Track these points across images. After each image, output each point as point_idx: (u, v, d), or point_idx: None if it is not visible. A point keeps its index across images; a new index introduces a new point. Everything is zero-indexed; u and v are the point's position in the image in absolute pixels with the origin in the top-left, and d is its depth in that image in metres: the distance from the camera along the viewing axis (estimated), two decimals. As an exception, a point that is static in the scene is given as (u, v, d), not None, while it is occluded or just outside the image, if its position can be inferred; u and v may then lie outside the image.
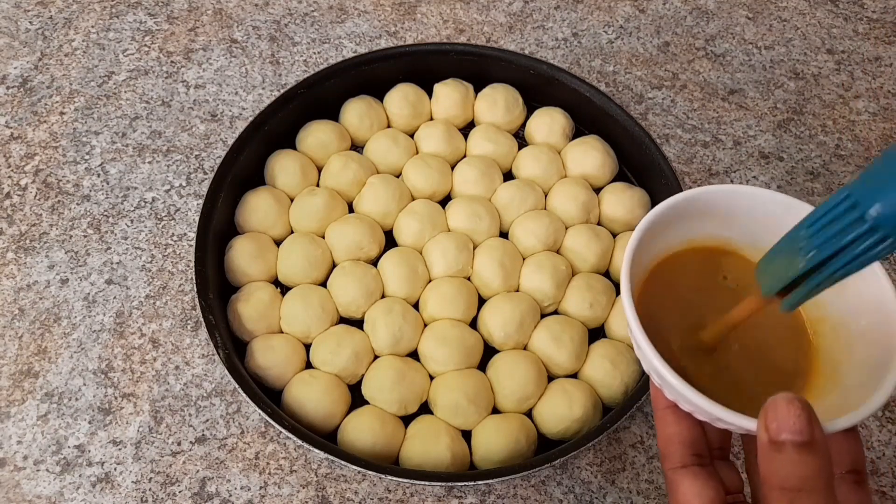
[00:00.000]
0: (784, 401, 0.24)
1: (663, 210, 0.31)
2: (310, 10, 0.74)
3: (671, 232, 0.32)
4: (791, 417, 0.24)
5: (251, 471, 0.49)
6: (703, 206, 0.32)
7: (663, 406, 0.30)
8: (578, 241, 0.55)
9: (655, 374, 0.28)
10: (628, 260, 0.30)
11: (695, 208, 0.32)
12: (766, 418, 0.24)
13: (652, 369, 0.29)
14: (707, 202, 0.32)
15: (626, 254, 0.30)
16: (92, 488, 0.48)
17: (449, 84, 0.63)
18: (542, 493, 0.49)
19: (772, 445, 0.24)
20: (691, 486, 0.29)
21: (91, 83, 0.67)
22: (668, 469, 0.30)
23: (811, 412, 0.24)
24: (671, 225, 0.32)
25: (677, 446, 0.30)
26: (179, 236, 0.59)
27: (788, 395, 0.24)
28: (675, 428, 0.30)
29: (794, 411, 0.24)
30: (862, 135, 0.67)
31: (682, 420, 0.30)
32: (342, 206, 0.58)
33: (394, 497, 0.48)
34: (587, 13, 0.75)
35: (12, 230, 0.59)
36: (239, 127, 0.65)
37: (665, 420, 0.30)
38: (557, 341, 0.51)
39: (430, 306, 0.53)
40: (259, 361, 0.50)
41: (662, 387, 0.29)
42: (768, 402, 0.25)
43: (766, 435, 0.24)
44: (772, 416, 0.24)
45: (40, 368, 0.53)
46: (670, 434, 0.30)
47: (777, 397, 0.24)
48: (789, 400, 0.24)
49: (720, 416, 0.26)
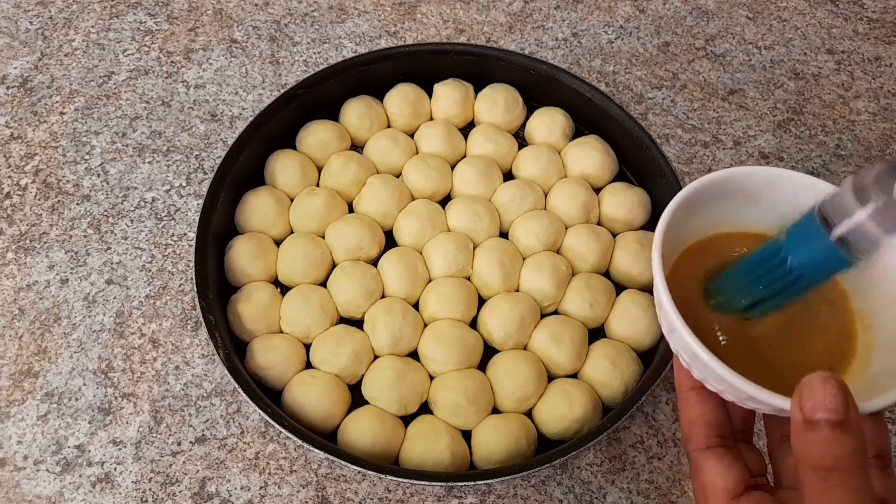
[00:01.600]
0: (820, 380, 0.24)
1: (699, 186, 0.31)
2: (310, 10, 0.74)
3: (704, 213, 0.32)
4: (827, 396, 0.24)
5: (251, 471, 0.49)
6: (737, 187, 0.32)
7: (687, 388, 0.30)
8: (578, 241, 0.55)
9: (686, 351, 0.28)
10: (659, 238, 0.30)
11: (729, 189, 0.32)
12: (800, 397, 0.24)
13: (682, 347, 0.28)
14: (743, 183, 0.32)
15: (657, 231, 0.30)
16: (92, 488, 0.48)
17: (449, 84, 0.63)
18: (542, 493, 0.49)
19: (806, 425, 0.24)
20: (716, 467, 0.28)
21: (91, 83, 0.67)
22: (693, 450, 0.30)
23: (847, 392, 0.24)
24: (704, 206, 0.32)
25: (701, 428, 0.30)
26: (179, 236, 0.59)
27: (824, 374, 0.24)
28: (700, 409, 0.30)
29: (830, 390, 0.24)
30: (862, 135, 0.67)
31: (707, 401, 0.30)
32: (342, 206, 0.58)
33: (394, 497, 0.48)
34: (587, 13, 0.75)
35: (12, 230, 0.59)
36: (239, 127, 0.65)
37: (689, 402, 0.30)
38: (557, 341, 0.51)
39: (430, 306, 0.53)
40: (259, 361, 0.50)
41: (692, 365, 0.29)
42: (803, 380, 0.24)
43: (800, 414, 0.24)
44: (807, 395, 0.24)
45: (40, 368, 0.53)
46: (694, 416, 0.30)
47: (812, 376, 0.24)
48: (825, 379, 0.24)
49: (753, 395, 0.26)
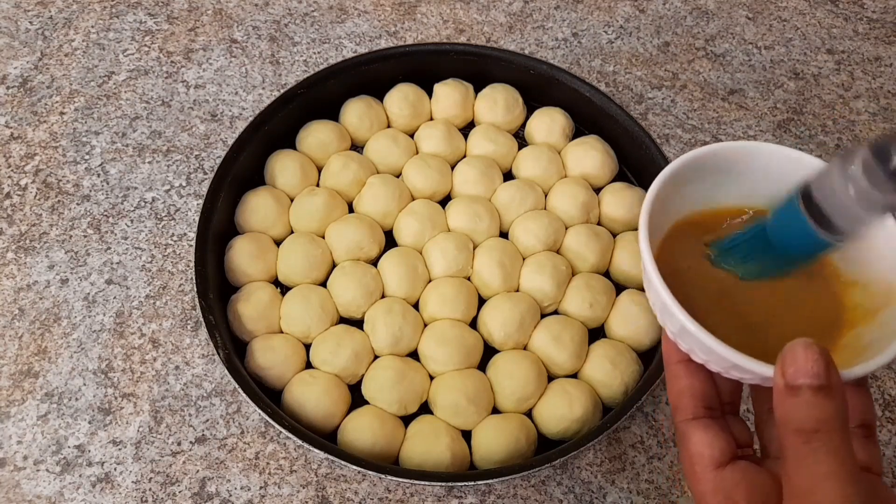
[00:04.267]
0: (802, 346, 0.24)
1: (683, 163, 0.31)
2: (310, 10, 0.74)
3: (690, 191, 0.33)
4: (809, 362, 0.24)
5: (251, 471, 0.49)
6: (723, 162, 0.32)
7: (675, 361, 0.31)
8: (578, 241, 0.55)
9: (672, 321, 0.28)
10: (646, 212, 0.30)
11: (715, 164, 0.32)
12: (783, 363, 0.25)
13: (668, 318, 0.29)
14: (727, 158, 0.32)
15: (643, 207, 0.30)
16: (92, 488, 0.48)
17: (449, 84, 0.63)
18: (542, 493, 0.49)
19: (788, 390, 0.24)
20: (703, 437, 0.29)
21: (91, 83, 0.67)
22: (680, 421, 0.30)
23: (829, 357, 0.24)
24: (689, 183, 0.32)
25: (689, 399, 0.30)
26: (179, 236, 0.59)
27: (807, 340, 0.25)
28: (687, 381, 0.30)
29: (812, 356, 0.24)
30: (862, 135, 0.67)
31: (694, 373, 0.30)
32: (342, 206, 0.58)
33: (394, 497, 0.48)
34: (587, 13, 0.75)
35: (12, 230, 0.59)
36: (239, 127, 0.65)
37: (677, 374, 0.31)
38: (557, 341, 0.51)
39: (430, 306, 0.53)
40: (259, 361, 0.50)
41: (677, 336, 0.29)
42: (786, 347, 0.25)
43: (782, 380, 0.25)
44: (789, 361, 0.25)
45: (40, 368, 0.53)
46: (682, 387, 0.30)
47: (795, 342, 0.25)
48: (807, 345, 0.24)
49: (737, 363, 0.26)
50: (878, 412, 0.53)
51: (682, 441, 0.30)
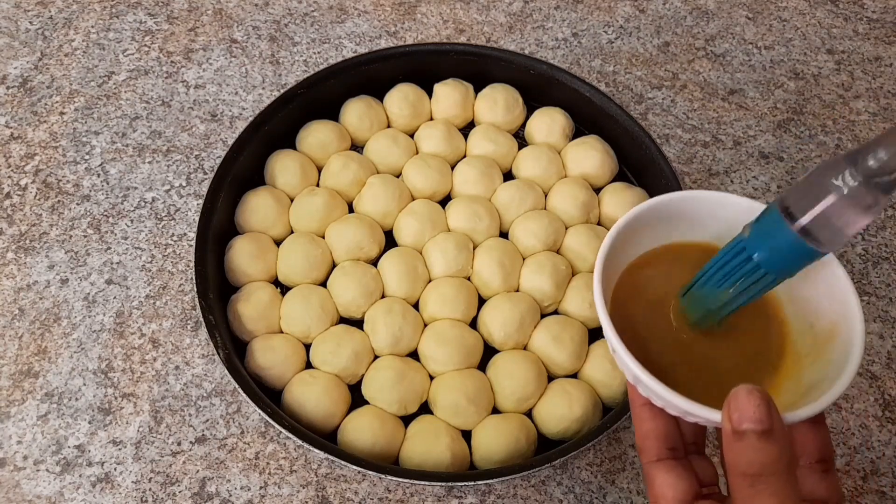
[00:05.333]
0: (745, 392, 0.25)
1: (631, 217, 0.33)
2: (310, 10, 0.74)
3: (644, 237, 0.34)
4: (751, 408, 0.25)
5: (251, 471, 0.49)
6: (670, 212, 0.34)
7: (639, 403, 0.32)
8: (578, 241, 0.55)
9: (628, 371, 0.30)
10: (600, 264, 0.31)
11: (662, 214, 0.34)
12: (728, 409, 0.26)
13: (624, 367, 0.30)
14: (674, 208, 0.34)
15: (597, 259, 0.32)
16: (92, 488, 0.48)
17: (449, 84, 0.63)
18: (542, 493, 0.49)
19: (735, 435, 0.25)
20: (666, 478, 0.30)
21: (91, 83, 0.67)
22: (645, 463, 0.31)
23: (770, 402, 0.25)
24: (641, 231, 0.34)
25: (653, 441, 0.31)
26: (179, 236, 0.59)
27: (749, 386, 0.25)
28: (651, 424, 0.31)
29: (754, 402, 0.25)
30: (862, 135, 0.67)
31: (657, 416, 0.31)
32: (342, 206, 0.58)
33: (394, 497, 0.48)
34: (587, 13, 0.75)
35: (12, 230, 0.59)
36: (239, 127, 0.65)
37: (641, 416, 0.32)
38: (557, 341, 0.51)
39: (430, 306, 0.53)
40: (259, 361, 0.50)
41: (636, 384, 0.30)
42: (731, 393, 0.26)
43: (729, 425, 0.26)
44: (734, 407, 0.25)
45: (40, 368, 0.53)
46: (646, 430, 0.31)
47: (738, 389, 0.26)
48: (749, 391, 0.25)
49: (688, 410, 0.28)
50: (878, 412, 0.53)
51: (648, 482, 0.31)
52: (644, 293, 0.34)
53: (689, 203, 0.34)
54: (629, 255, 0.34)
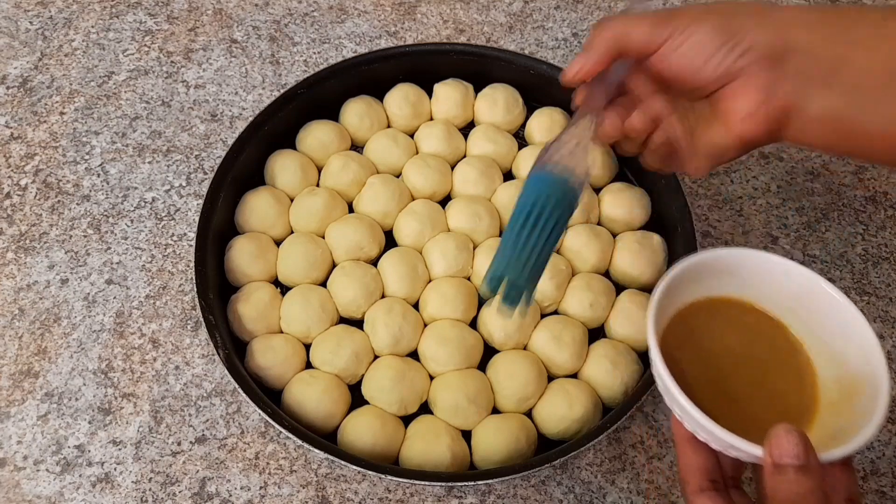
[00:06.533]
0: (784, 430, 0.29)
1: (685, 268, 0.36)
2: (310, 10, 0.74)
3: (690, 287, 0.37)
4: (790, 445, 0.29)
5: (251, 471, 0.49)
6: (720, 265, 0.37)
7: (683, 437, 0.34)
8: (578, 241, 0.55)
9: (678, 406, 0.33)
10: (653, 309, 0.34)
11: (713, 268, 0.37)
12: (770, 445, 0.30)
13: (674, 403, 0.33)
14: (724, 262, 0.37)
15: (650, 304, 0.35)
16: (92, 488, 0.48)
17: (449, 84, 0.63)
18: (542, 493, 0.49)
19: (775, 468, 0.29)
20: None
21: (91, 83, 0.67)
22: (689, 493, 0.34)
23: (807, 441, 0.29)
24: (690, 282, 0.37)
25: (696, 473, 0.34)
26: (179, 236, 0.59)
27: (787, 425, 0.29)
28: (694, 457, 0.34)
29: (793, 439, 0.29)
30: (862, 135, 0.67)
31: (700, 450, 0.34)
32: (342, 206, 0.58)
33: (394, 497, 0.48)
34: (587, 13, 0.75)
35: (12, 230, 0.59)
36: (239, 127, 0.65)
37: (685, 451, 0.34)
38: (557, 341, 0.51)
39: (430, 306, 0.53)
40: (259, 361, 0.50)
41: (683, 418, 0.33)
42: (770, 431, 0.30)
43: (770, 459, 0.29)
44: (775, 444, 0.29)
45: (40, 368, 0.53)
46: (690, 463, 0.34)
47: (778, 427, 0.30)
48: (788, 430, 0.29)
49: (733, 444, 0.31)
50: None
51: None
52: (690, 337, 0.37)
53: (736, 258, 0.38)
54: (677, 304, 0.37)
